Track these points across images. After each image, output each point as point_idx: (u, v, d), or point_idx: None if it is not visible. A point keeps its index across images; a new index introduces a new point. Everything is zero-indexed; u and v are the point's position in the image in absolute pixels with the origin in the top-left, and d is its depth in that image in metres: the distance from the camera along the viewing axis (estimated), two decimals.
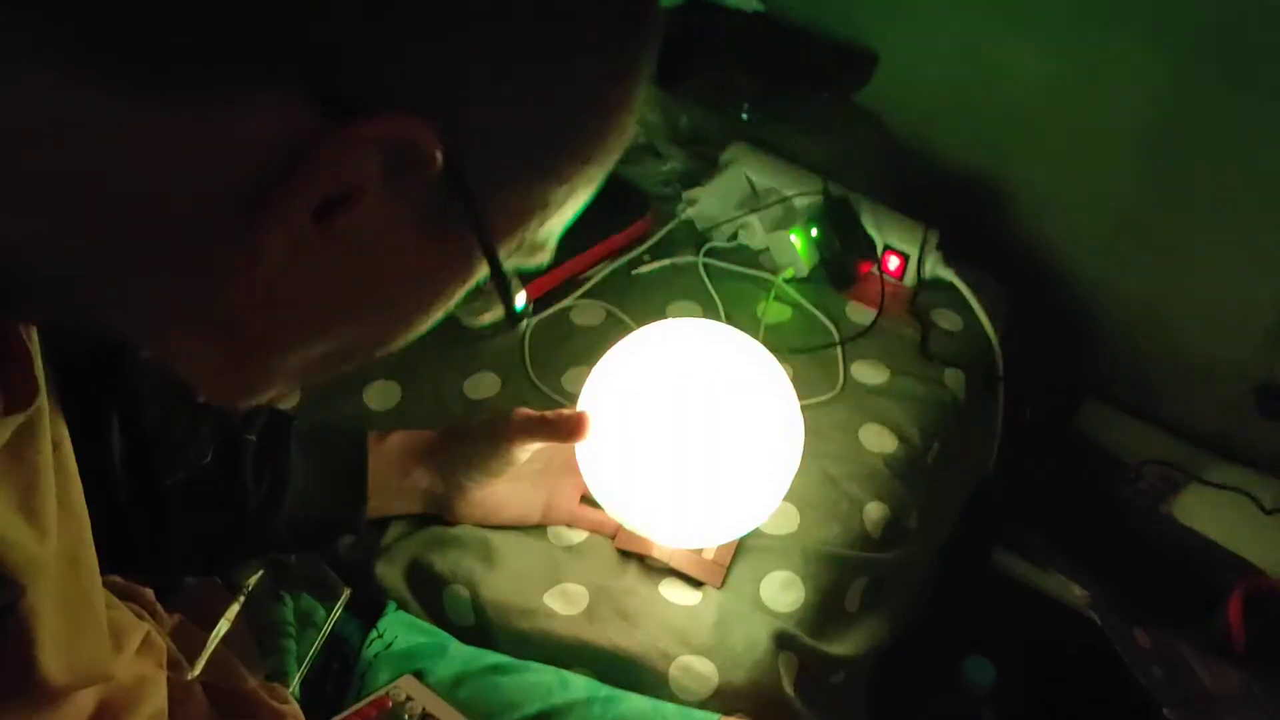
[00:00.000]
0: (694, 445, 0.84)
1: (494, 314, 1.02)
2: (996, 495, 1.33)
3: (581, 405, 0.88)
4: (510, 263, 0.46)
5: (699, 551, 0.94)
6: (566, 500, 0.96)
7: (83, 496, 0.50)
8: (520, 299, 0.47)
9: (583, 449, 0.88)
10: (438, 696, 0.74)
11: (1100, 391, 1.50)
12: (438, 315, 0.48)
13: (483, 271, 0.46)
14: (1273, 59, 1.19)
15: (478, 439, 0.88)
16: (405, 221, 0.40)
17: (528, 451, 0.88)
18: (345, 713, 0.73)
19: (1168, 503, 1.34)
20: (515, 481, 0.92)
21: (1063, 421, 1.50)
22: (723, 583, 0.93)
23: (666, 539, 0.92)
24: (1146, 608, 1.22)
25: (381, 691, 0.75)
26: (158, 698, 0.59)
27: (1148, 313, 1.43)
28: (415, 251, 0.42)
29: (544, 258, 0.50)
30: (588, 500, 0.94)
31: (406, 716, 0.72)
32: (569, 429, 0.85)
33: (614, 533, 0.95)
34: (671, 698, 0.84)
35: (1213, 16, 1.20)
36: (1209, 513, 1.31)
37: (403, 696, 0.74)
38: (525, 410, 0.88)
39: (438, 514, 0.93)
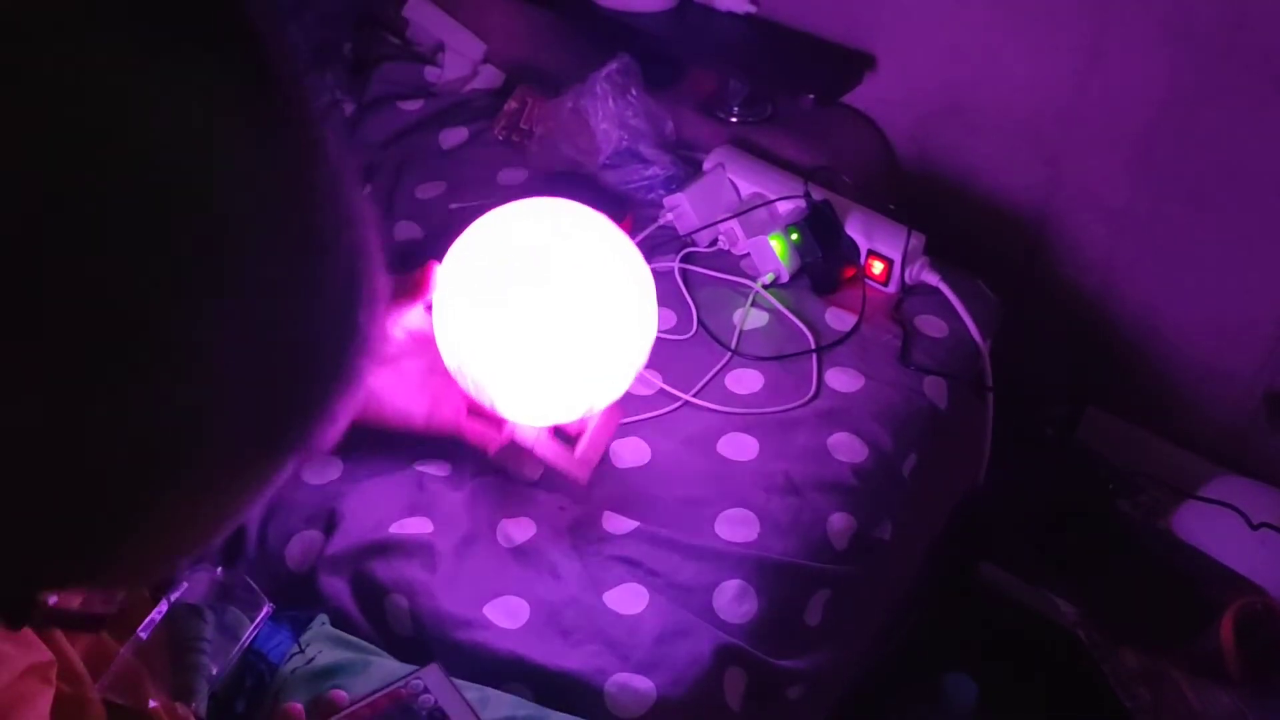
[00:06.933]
0: (541, 311, 0.86)
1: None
2: (985, 507, 1.29)
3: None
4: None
5: (570, 449, 0.94)
6: (451, 408, 0.94)
7: None
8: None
9: (437, 316, 0.88)
10: (458, 692, 0.73)
11: (1103, 400, 1.46)
12: None
13: None
14: (1276, 62, 1.14)
15: None
16: None
17: (393, 322, 0.87)
18: (363, 700, 0.72)
19: (1166, 516, 1.29)
20: (400, 377, 0.91)
21: (1063, 432, 1.45)
22: (588, 479, 0.94)
23: (518, 411, 0.92)
24: (1137, 626, 1.17)
25: (403, 681, 0.74)
26: (34, 717, 0.57)
27: (1149, 321, 1.38)
28: None
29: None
30: (475, 412, 0.94)
31: (417, 708, 0.71)
32: (415, 282, 0.87)
33: (496, 447, 0.94)
34: (607, 716, 0.81)
35: (1214, 18, 1.16)
36: (1209, 527, 1.26)
37: (420, 688, 0.73)
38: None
39: None
